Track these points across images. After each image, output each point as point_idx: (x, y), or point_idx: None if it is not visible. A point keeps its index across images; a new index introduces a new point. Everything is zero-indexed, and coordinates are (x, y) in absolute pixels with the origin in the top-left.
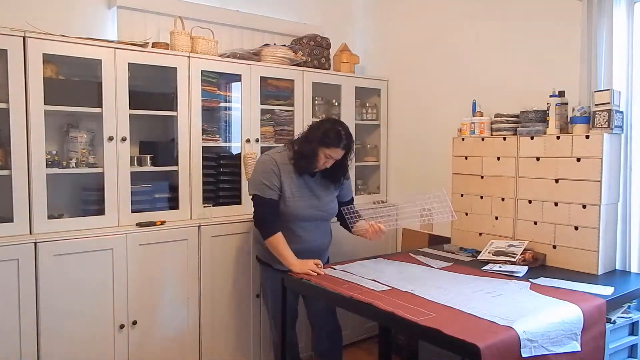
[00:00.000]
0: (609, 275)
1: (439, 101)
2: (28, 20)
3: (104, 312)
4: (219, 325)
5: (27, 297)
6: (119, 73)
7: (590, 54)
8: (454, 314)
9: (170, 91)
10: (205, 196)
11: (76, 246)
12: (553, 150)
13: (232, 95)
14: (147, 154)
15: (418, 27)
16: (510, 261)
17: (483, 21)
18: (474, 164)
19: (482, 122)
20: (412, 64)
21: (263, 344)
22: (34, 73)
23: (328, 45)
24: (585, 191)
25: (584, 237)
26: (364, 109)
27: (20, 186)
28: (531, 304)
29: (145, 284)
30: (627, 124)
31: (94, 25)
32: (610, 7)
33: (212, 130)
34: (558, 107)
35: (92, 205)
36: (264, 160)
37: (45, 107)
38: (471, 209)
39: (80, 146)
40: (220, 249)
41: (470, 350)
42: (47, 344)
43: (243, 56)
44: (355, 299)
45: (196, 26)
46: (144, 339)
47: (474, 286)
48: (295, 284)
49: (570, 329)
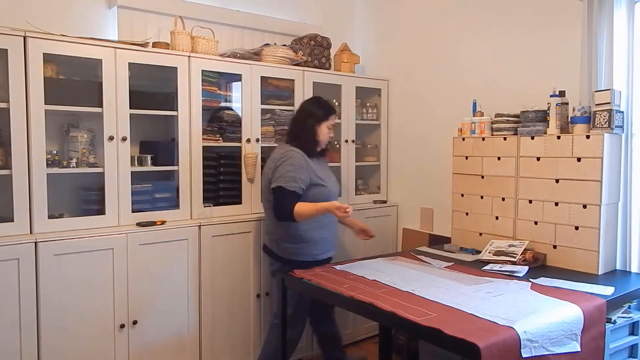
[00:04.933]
0: (610, 275)
1: (439, 101)
2: (28, 20)
3: (104, 311)
4: (219, 325)
5: (28, 297)
6: (119, 73)
7: (591, 53)
8: (454, 313)
9: (170, 91)
10: (206, 196)
11: (76, 246)
12: (553, 150)
13: (232, 95)
14: (147, 154)
15: (418, 27)
16: (511, 261)
17: (483, 21)
18: (474, 163)
19: (483, 122)
20: (412, 64)
21: (263, 344)
22: (34, 73)
23: (328, 45)
24: (586, 191)
25: (585, 237)
26: (364, 109)
27: (20, 186)
28: (532, 304)
29: (146, 284)
30: (627, 124)
31: (94, 25)
32: (610, 7)
33: (213, 129)
34: (558, 107)
35: (93, 205)
36: (293, 155)
37: (46, 106)
38: (471, 209)
39: (81, 146)
40: (220, 249)
41: (471, 350)
42: (48, 343)
43: (243, 56)
44: (356, 299)
45: (197, 26)
46: (144, 339)
47: (474, 286)
48: (295, 283)
49: (570, 329)
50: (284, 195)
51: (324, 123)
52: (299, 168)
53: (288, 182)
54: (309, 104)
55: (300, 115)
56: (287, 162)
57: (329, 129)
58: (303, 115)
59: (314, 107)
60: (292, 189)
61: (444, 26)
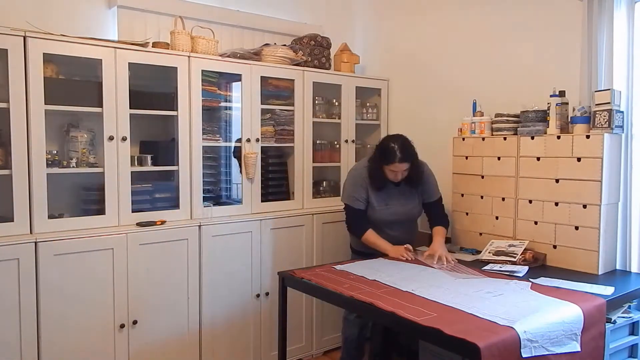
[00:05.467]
0: (610, 275)
1: (439, 101)
2: (28, 20)
3: (104, 312)
4: (219, 325)
5: (28, 297)
6: (119, 73)
7: (591, 53)
8: (454, 313)
9: (170, 91)
10: (206, 196)
11: (76, 246)
12: (553, 150)
13: (232, 94)
14: (147, 154)
15: (418, 27)
16: (511, 261)
17: (483, 21)
18: (474, 163)
19: (483, 122)
20: (412, 64)
21: (263, 344)
22: (34, 73)
23: (328, 45)
24: (586, 191)
25: (585, 237)
26: (364, 109)
27: (20, 186)
28: (532, 304)
29: (146, 284)
30: (627, 124)
31: (94, 25)
32: (610, 7)
33: (213, 129)
34: (558, 107)
35: (93, 205)
36: (355, 175)
37: (46, 106)
38: (471, 209)
39: (81, 146)
40: (220, 248)
41: (471, 349)
42: (48, 343)
43: (243, 56)
44: (356, 299)
45: (196, 26)
46: (144, 339)
47: (474, 286)
48: (295, 283)
49: (570, 329)
50: (352, 213)
51: (386, 167)
52: (358, 187)
53: (352, 200)
54: (378, 145)
55: (375, 150)
56: (349, 178)
57: (393, 171)
58: (376, 151)
59: (378, 150)
60: (358, 207)
61: (444, 26)
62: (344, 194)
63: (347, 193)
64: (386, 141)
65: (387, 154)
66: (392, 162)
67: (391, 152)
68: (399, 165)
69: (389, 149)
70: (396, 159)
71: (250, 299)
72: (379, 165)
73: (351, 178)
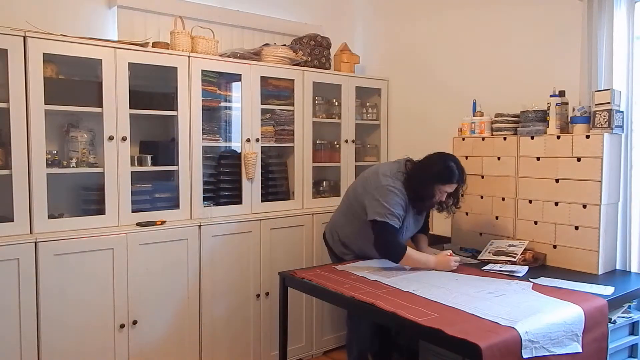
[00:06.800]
0: (609, 275)
1: (439, 101)
2: (28, 20)
3: (104, 311)
4: (219, 325)
5: (28, 297)
6: (119, 73)
7: (591, 53)
8: (455, 314)
9: (170, 91)
10: (206, 196)
11: (76, 246)
12: (553, 150)
13: (232, 95)
14: (147, 154)
15: (418, 27)
16: (511, 261)
17: (483, 21)
18: (474, 163)
19: (483, 122)
20: (412, 64)
21: (263, 344)
22: (34, 73)
23: (328, 44)
24: (586, 191)
25: (585, 237)
26: (364, 109)
27: (20, 186)
28: (534, 304)
29: (146, 284)
30: (627, 124)
31: (94, 25)
32: (610, 7)
33: (213, 129)
34: (558, 107)
35: (93, 205)
36: (394, 191)
37: (46, 106)
38: (471, 209)
39: (81, 146)
40: (220, 248)
41: (472, 350)
42: (48, 343)
43: (243, 56)
44: (357, 299)
45: (196, 26)
46: (144, 339)
47: (475, 286)
48: (296, 284)
49: (571, 329)
50: (390, 231)
51: (441, 186)
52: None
53: (392, 218)
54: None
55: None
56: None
57: (441, 193)
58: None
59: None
60: (396, 225)
61: (444, 26)
62: (376, 211)
63: (385, 210)
64: (443, 160)
65: (448, 173)
66: (450, 183)
67: (451, 172)
68: (454, 186)
69: (450, 168)
70: (454, 180)
71: (250, 299)
72: (432, 186)
73: (390, 193)
